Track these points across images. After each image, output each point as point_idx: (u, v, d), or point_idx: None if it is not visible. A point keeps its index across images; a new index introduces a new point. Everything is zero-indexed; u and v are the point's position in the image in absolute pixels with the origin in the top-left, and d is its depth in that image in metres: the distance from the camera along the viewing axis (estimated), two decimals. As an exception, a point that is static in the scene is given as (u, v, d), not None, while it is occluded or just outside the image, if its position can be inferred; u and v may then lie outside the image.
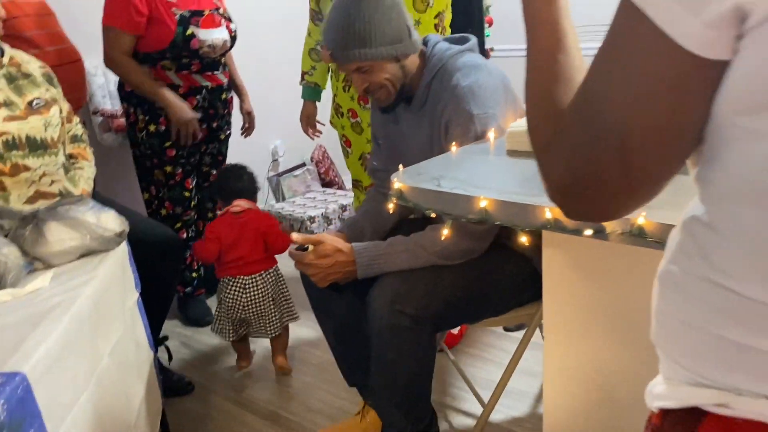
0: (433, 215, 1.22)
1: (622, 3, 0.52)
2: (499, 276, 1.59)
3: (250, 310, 2.27)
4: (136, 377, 1.60)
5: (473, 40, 1.72)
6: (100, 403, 1.30)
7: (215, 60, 2.55)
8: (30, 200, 1.75)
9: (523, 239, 1.14)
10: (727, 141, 0.51)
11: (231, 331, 2.30)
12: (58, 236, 1.50)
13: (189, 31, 2.41)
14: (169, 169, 2.57)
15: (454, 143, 1.51)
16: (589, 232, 1.00)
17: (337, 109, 2.56)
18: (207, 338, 2.65)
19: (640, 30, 0.50)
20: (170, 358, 2.23)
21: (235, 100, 2.85)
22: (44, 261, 1.51)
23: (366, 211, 1.87)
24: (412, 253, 1.53)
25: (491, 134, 1.53)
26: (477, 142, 1.52)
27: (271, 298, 2.30)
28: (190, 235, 2.69)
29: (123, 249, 1.63)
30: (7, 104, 1.74)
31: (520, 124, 1.41)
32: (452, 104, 1.58)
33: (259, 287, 2.27)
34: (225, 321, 2.29)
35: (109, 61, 2.45)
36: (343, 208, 3.69)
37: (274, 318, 2.31)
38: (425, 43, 1.70)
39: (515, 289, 1.63)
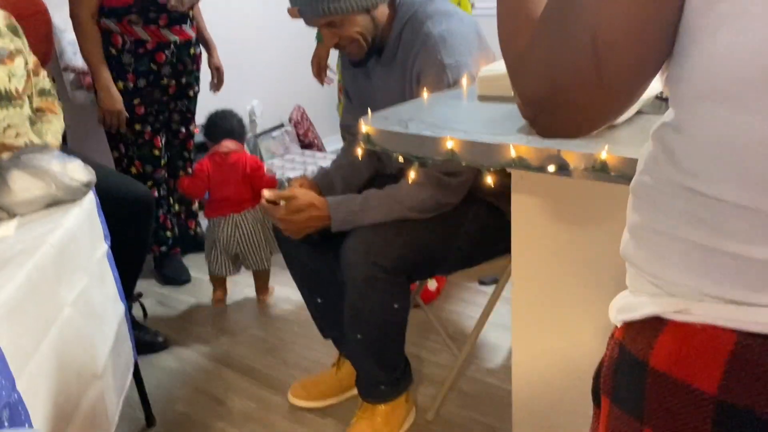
0: (401, 160, 1.21)
1: None
2: (472, 227, 1.59)
3: (245, 245, 2.44)
4: (104, 329, 1.58)
5: None
6: (63, 350, 1.28)
7: (183, 14, 2.50)
8: (-6, 153, 1.71)
9: (489, 180, 1.13)
10: (695, 33, 0.50)
11: (231, 266, 2.49)
12: (23, 185, 1.47)
13: None
14: (137, 126, 2.52)
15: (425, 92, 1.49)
16: (552, 168, 0.99)
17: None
18: (183, 296, 2.64)
19: None
20: (145, 315, 2.22)
21: (204, 58, 2.79)
22: (8, 210, 1.48)
23: (338, 165, 1.85)
24: (386, 207, 1.53)
25: (464, 81, 1.51)
26: (450, 89, 1.51)
27: (261, 233, 2.47)
28: (161, 193, 2.66)
29: (90, 199, 1.60)
30: None
31: (492, 68, 1.39)
32: (423, 54, 1.55)
33: (250, 223, 2.44)
34: (222, 257, 2.46)
35: (73, 19, 2.40)
36: (322, 170, 3.66)
37: (266, 250, 2.47)
38: None
39: (488, 241, 1.63)
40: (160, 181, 2.64)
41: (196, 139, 2.89)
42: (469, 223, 1.60)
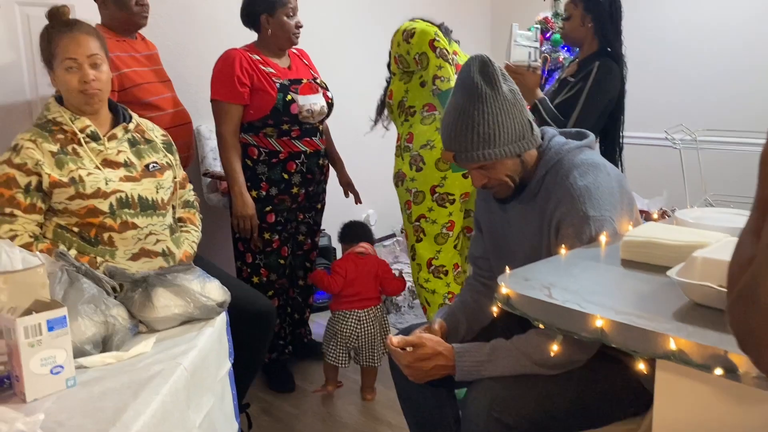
0: (541, 326, 1.17)
1: None
2: (603, 388, 1.50)
3: (363, 340, 2.60)
4: (221, 449, 1.60)
5: (591, 136, 1.69)
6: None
7: (314, 126, 2.64)
8: (134, 257, 1.83)
9: (641, 366, 1.06)
10: None
11: (347, 359, 2.61)
12: (165, 302, 1.54)
13: (288, 97, 2.52)
14: (267, 235, 2.63)
15: (564, 245, 1.46)
16: (719, 371, 0.92)
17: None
18: (288, 406, 2.64)
19: None
20: (250, 425, 2.23)
21: (332, 173, 2.91)
22: (148, 325, 1.55)
23: (463, 303, 1.82)
24: (515, 360, 1.47)
25: (603, 238, 1.47)
26: (587, 246, 1.47)
27: (378, 331, 2.62)
28: (281, 302, 2.72)
29: (222, 319, 1.66)
30: (126, 165, 1.84)
31: (637, 234, 1.35)
32: (567, 203, 1.53)
33: (371, 320, 2.62)
34: (341, 349, 2.60)
35: (218, 136, 2.59)
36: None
37: (380, 348, 2.60)
38: (542, 135, 1.67)
39: (619, 403, 1.53)
40: (281, 291, 2.71)
41: (322, 242, 3.01)
42: (601, 383, 1.51)
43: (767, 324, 0.59)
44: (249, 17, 2.61)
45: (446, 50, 2.46)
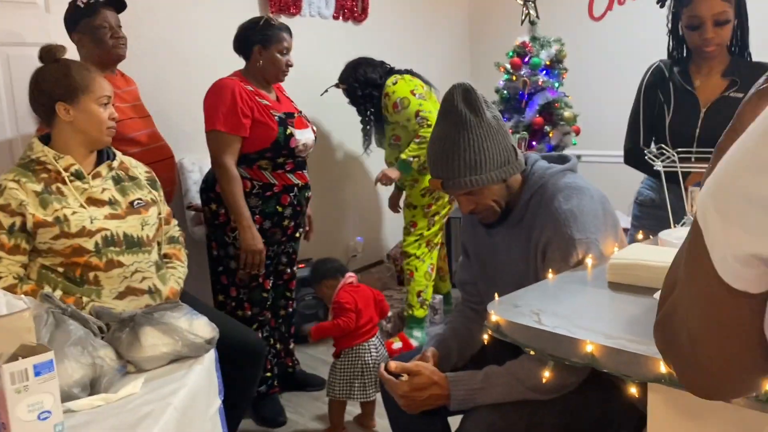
0: (532, 353, 1.17)
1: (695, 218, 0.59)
2: (596, 413, 1.51)
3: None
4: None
5: (574, 159, 1.71)
6: None
7: (304, 159, 2.65)
8: (120, 295, 1.81)
9: (633, 390, 1.07)
10: None
11: (375, 389, 2.49)
12: (152, 341, 1.53)
13: (288, 131, 2.52)
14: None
15: (551, 269, 1.47)
16: (710, 393, 0.93)
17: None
18: (278, 440, 2.61)
19: (696, 246, 0.58)
20: (242, 462, 2.19)
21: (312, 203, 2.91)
22: (136, 365, 1.53)
23: (454, 330, 1.82)
24: (508, 387, 1.47)
25: (588, 260, 1.48)
26: (573, 269, 1.48)
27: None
28: (263, 334, 2.69)
29: (211, 356, 1.64)
30: (111, 203, 1.83)
31: (623, 256, 1.37)
32: (552, 227, 1.55)
33: (381, 345, 2.59)
34: (370, 382, 2.49)
35: (217, 165, 2.50)
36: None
37: None
38: (525, 160, 1.69)
39: (612, 426, 1.54)
40: (264, 323, 2.68)
41: (300, 274, 2.99)
42: (593, 407, 1.52)
43: (679, 353, 0.65)
44: (241, 45, 2.59)
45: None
